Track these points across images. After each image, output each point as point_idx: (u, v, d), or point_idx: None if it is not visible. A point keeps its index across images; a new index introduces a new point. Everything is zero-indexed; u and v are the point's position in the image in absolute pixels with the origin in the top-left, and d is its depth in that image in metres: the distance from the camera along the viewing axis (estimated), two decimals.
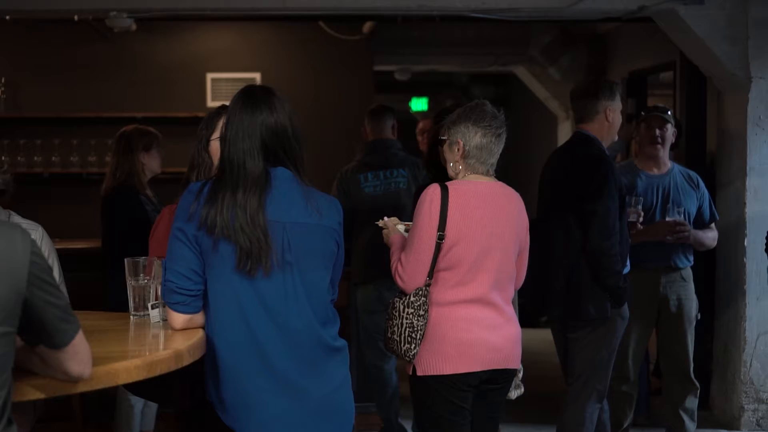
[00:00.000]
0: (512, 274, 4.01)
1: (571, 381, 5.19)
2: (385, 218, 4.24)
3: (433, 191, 3.90)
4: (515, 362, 4.00)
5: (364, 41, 9.61)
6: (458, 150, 3.96)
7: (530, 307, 5.14)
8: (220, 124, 3.37)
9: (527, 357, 4.63)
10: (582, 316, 5.01)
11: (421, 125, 6.94)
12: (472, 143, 3.94)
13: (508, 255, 3.96)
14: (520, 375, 4.18)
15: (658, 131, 5.93)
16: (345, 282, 6.25)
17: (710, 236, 6.03)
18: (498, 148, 3.97)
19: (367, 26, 9.46)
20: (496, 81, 15.14)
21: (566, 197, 5.04)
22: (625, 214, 5.11)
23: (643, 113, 6.13)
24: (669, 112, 6.04)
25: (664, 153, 6.00)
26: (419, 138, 6.84)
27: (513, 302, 4.09)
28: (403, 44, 10.72)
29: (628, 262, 5.18)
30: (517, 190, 4.14)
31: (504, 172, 4.25)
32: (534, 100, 12.48)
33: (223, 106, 3.49)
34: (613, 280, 4.96)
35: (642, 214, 5.43)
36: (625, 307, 5.11)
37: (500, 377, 3.97)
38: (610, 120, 5.12)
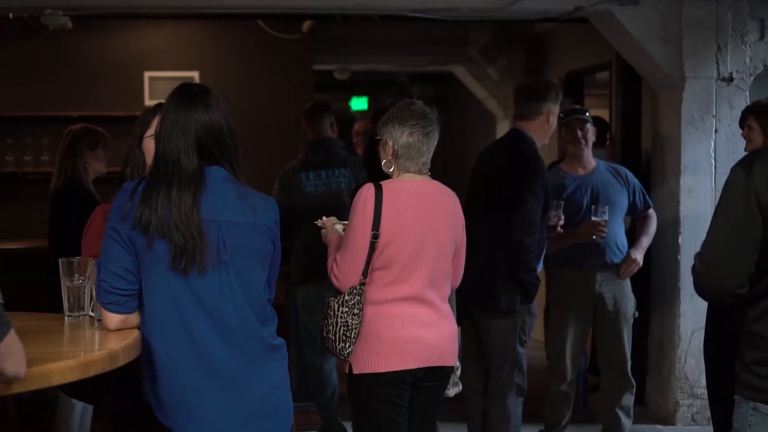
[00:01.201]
0: (448, 273, 4.04)
1: (491, 374, 5.26)
2: (324, 218, 4.27)
3: (367, 191, 3.92)
4: (452, 359, 4.03)
5: (304, 40, 9.60)
6: (389, 149, 3.99)
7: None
8: (155, 121, 3.35)
9: None
10: (493, 307, 5.13)
11: (356, 126, 6.96)
12: (400, 142, 3.97)
13: (443, 253, 3.99)
14: (458, 373, 4.22)
15: (579, 132, 6.01)
16: (284, 281, 6.24)
17: (651, 231, 6.12)
18: (427, 147, 3.98)
19: (306, 25, 9.45)
20: (435, 80, 15.19)
21: (494, 190, 5.12)
22: (548, 214, 5.19)
23: (561, 116, 6.17)
24: (587, 113, 6.12)
25: (588, 152, 6.08)
26: (355, 139, 6.85)
27: (450, 300, 4.13)
28: (342, 43, 10.73)
29: (541, 263, 5.28)
30: (455, 188, 4.17)
31: (443, 170, 4.29)
32: (473, 100, 12.54)
33: (160, 104, 3.47)
34: (528, 276, 5.08)
35: (562, 217, 5.50)
36: (534, 304, 5.21)
37: (437, 374, 3.99)
38: (550, 122, 5.24)
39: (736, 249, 2.86)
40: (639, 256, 6.03)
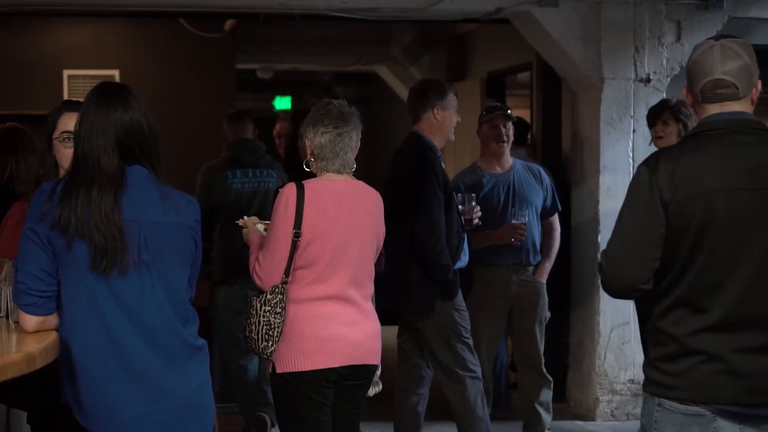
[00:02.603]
0: (370, 272, 4.06)
1: (435, 372, 5.33)
2: (245, 217, 4.26)
3: (289, 190, 3.93)
4: (375, 358, 4.05)
5: (226, 39, 9.54)
6: (307, 150, 4.01)
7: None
8: (61, 122, 3.33)
9: (389, 354, 4.71)
10: (413, 308, 5.17)
11: (277, 128, 6.94)
12: (314, 142, 3.99)
13: (365, 252, 4.01)
14: (378, 372, 4.23)
15: (503, 129, 6.06)
16: (206, 281, 6.20)
17: (555, 245, 6.22)
18: (343, 147, 3.98)
19: (229, 24, 9.40)
20: (359, 80, 15.22)
21: (396, 196, 5.18)
22: (453, 210, 5.24)
23: (482, 113, 6.23)
24: (510, 110, 6.19)
25: (508, 150, 6.14)
26: (276, 141, 6.84)
27: (372, 299, 4.15)
28: (265, 42, 10.69)
29: (465, 257, 5.34)
30: (379, 186, 4.20)
31: (367, 170, 4.31)
32: (396, 100, 12.59)
33: (66, 102, 3.44)
34: (441, 273, 5.14)
35: (478, 209, 5.55)
36: (460, 298, 5.26)
37: (360, 373, 4.01)
38: (439, 119, 5.29)
39: (640, 245, 2.91)
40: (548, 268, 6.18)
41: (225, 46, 9.56)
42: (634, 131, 6.84)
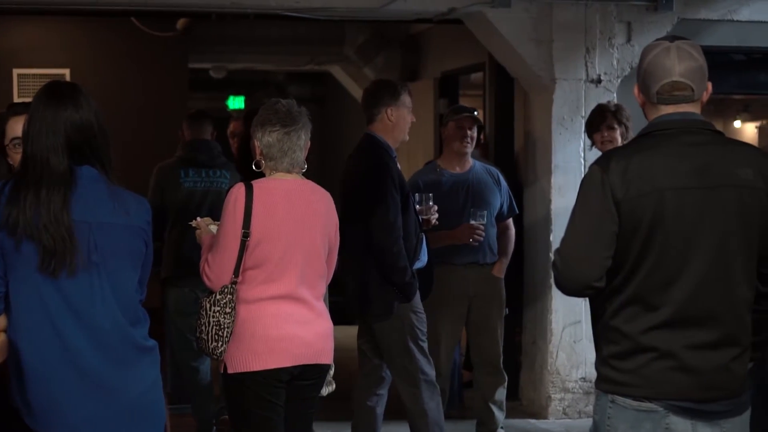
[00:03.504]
0: (322, 271, 4.05)
1: (392, 374, 5.34)
2: (198, 218, 4.25)
3: (238, 190, 3.93)
4: (327, 357, 4.05)
5: (178, 38, 9.50)
6: (257, 149, 4.00)
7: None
8: (8, 128, 3.30)
9: (344, 354, 4.71)
10: (371, 311, 5.20)
11: (231, 127, 6.92)
12: (263, 142, 3.98)
13: (316, 252, 4.00)
14: (331, 372, 4.23)
15: (468, 131, 6.09)
16: (157, 282, 6.16)
17: (511, 243, 6.27)
18: (292, 146, 3.97)
19: (181, 23, 9.35)
20: (312, 80, 15.21)
21: (352, 198, 5.18)
22: (410, 210, 5.25)
23: (450, 112, 6.27)
24: (476, 112, 6.24)
25: (470, 152, 6.19)
26: (230, 141, 6.82)
27: (324, 299, 4.15)
28: (218, 42, 10.64)
29: (424, 257, 5.34)
30: (333, 187, 4.20)
31: (320, 169, 4.31)
32: (350, 99, 12.59)
33: (9, 107, 3.41)
34: (398, 276, 5.13)
35: (435, 209, 5.57)
36: (417, 300, 5.27)
37: (312, 372, 4.01)
38: (393, 120, 5.28)
39: (593, 243, 2.93)
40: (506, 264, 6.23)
41: (177, 46, 9.52)
42: (585, 131, 6.88)
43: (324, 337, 4.02)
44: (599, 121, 5.77)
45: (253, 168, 4.05)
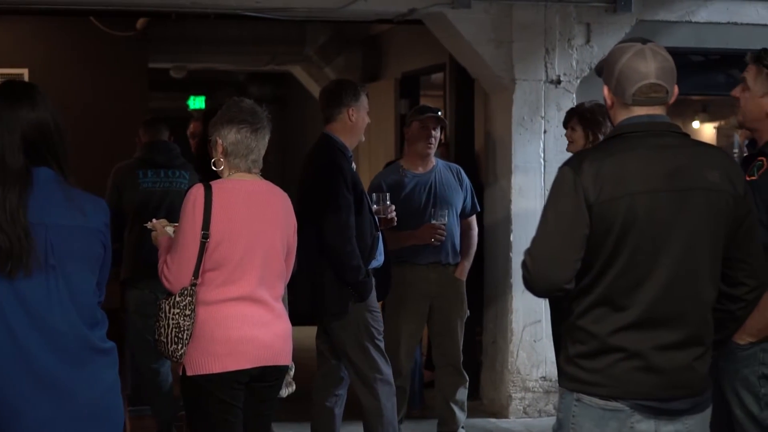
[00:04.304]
0: (281, 272, 4.04)
1: (348, 373, 5.35)
2: (154, 220, 4.22)
3: (197, 191, 3.91)
4: (286, 359, 4.04)
5: (138, 38, 9.43)
6: (219, 148, 3.98)
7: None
8: None
9: (304, 354, 4.70)
10: (326, 311, 5.21)
11: (191, 128, 6.92)
12: (228, 140, 3.96)
13: (275, 253, 3.99)
14: (291, 372, 4.23)
15: (433, 131, 6.11)
16: (117, 283, 6.12)
17: (473, 244, 6.28)
18: (256, 144, 3.97)
19: (141, 23, 9.29)
20: (273, 80, 15.17)
21: (306, 198, 5.19)
22: (364, 210, 5.26)
23: (414, 112, 6.28)
24: (440, 112, 6.26)
25: (433, 153, 6.21)
26: (191, 141, 6.81)
27: (282, 299, 4.14)
28: (178, 41, 10.59)
29: (381, 257, 5.36)
30: (293, 187, 4.18)
31: (281, 170, 4.30)
32: (311, 100, 12.57)
33: None
34: (352, 275, 5.14)
35: (393, 208, 5.59)
36: (373, 299, 5.28)
37: (271, 374, 3.99)
38: (353, 120, 5.30)
39: (564, 245, 2.94)
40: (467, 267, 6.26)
41: (137, 45, 9.46)
42: (545, 132, 6.92)
43: (283, 338, 4.01)
44: (566, 120, 5.77)
45: (212, 168, 4.04)
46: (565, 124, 5.68)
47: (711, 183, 2.97)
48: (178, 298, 3.86)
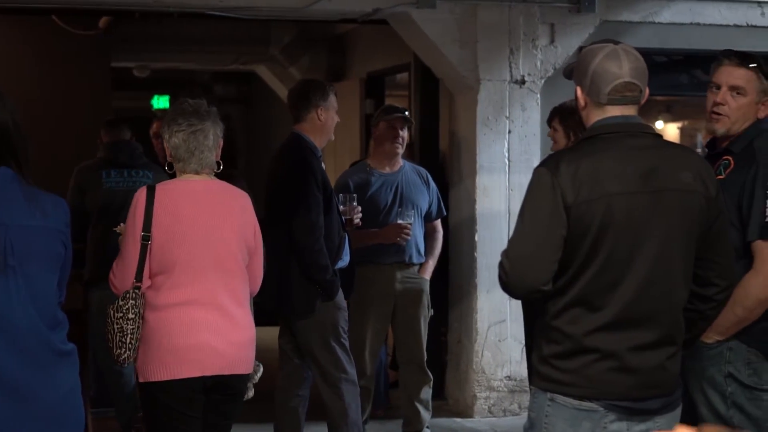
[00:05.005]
0: (241, 275, 3.94)
1: (313, 373, 5.35)
2: (122, 224, 4.18)
3: (140, 193, 3.86)
4: (244, 367, 3.93)
5: (101, 37, 9.35)
6: (167, 151, 3.95)
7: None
8: None
9: (265, 354, 4.66)
10: (293, 310, 5.20)
11: (154, 128, 6.89)
12: (170, 143, 3.92)
13: (231, 254, 3.90)
14: (257, 377, 4.15)
15: (400, 131, 6.11)
16: (80, 285, 6.07)
17: (438, 245, 6.30)
18: (198, 146, 3.88)
19: (104, 21, 9.22)
20: (238, 79, 15.09)
21: (275, 197, 5.18)
22: (333, 210, 5.26)
23: (381, 112, 6.28)
24: (406, 113, 6.26)
25: (401, 153, 6.21)
26: (154, 141, 6.78)
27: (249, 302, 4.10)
28: (141, 41, 10.51)
29: (347, 256, 5.35)
30: (260, 186, 4.14)
31: (248, 169, 4.26)
32: (276, 99, 12.53)
33: None
34: (320, 275, 5.14)
35: (359, 209, 5.59)
36: (340, 298, 5.27)
37: (228, 382, 3.90)
38: (322, 120, 5.30)
39: (542, 247, 2.94)
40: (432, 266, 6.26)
41: (99, 44, 9.38)
42: (509, 132, 6.93)
43: (240, 346, 3.90)
44: (549, 118, 5.78)
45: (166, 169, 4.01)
46: (549, 123, 5.70)
47: (684, 184, 2.99)
48: (120, 302, 3.80)
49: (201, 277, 3.83)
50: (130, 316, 3.78)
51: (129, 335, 3.79)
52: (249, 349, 3.95)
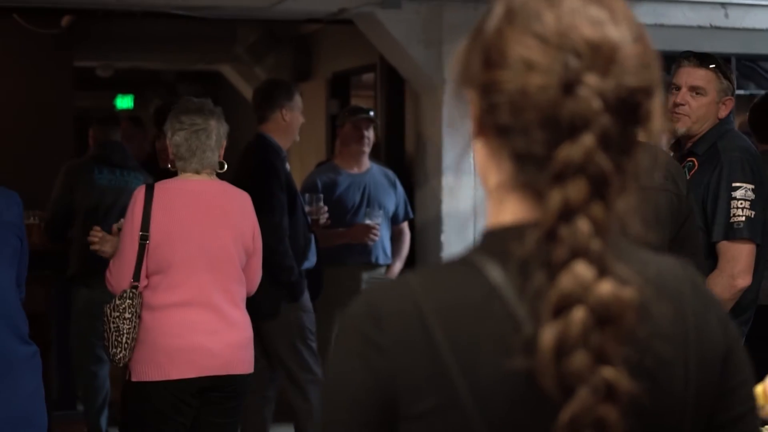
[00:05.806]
0: (237, 276, 3.93)
1: (282, 374, 5.32)
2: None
3: (138, 192, 3.85)
4: (242, 367, 3.92)
5: (63, 36, 9.26)
6: (169, 150, 3.93)
7: None
8: None
9: None
10: (258, 311, 5.14)
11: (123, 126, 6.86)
12: (173, 141, 3.91)
13: (228, 255, 3.89)
14: None
15: (365, 132, 6.11)
16: (41, 287, 5.99)
17: (405, 247, 6.31)
18: (200, 145, 3.90)
19: (66, 20, 9.13)
20: (203, 79, 15.02)
21: None
22: (297, 210, 5.25)
23: (346, 113, 6.29)
24: (371, 113, 6.27)
25: (367, 153, 6.22)
26: (124, 142, 6.74)
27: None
28: (104, 40, 10.41)
29: (313, 258, 5.34)
30: None
31: None
32: (241, 99, 12.48)
33: None
34: (285, 276, 5.12)
35: (325, 209, 5.58)
36: (306, 300, 5.25)
37: (225, 384, 3.88)
38: (287, 120, 5.29)
39: None
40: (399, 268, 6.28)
41: (61, 43, 9.28)
42: None
43: (236, 346, 3.89)
44: None
45: (166, 170, 3.99)
46: None
47: (656, 183, 2.99)
48: (117, 301, 3.78)
49: (196, 277, 3.82)
50: (127, 315, 3.76)
51: (125, 335, 3.77)
52: (246, 350, 3.94)
